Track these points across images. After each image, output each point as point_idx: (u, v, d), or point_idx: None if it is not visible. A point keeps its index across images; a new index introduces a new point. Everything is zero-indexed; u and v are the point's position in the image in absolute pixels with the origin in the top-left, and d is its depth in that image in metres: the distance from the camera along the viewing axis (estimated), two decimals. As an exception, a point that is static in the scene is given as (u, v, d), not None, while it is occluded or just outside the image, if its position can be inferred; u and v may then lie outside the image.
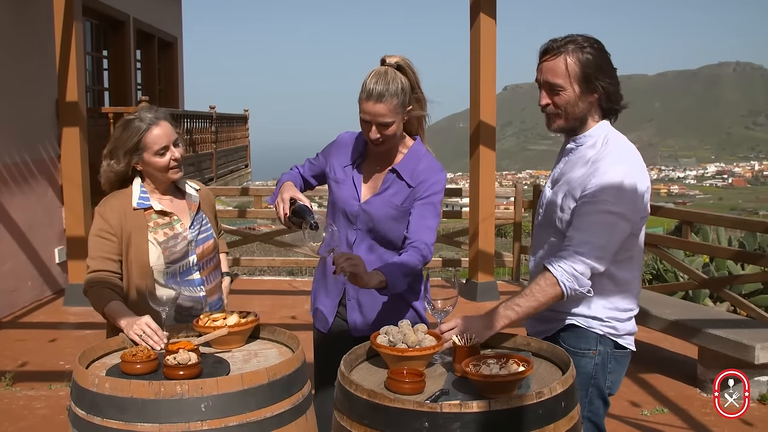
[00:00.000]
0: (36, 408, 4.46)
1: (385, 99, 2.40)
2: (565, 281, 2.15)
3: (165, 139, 2.55)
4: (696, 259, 7.63)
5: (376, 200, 2.56)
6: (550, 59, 2.23)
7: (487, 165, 7.23)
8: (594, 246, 2.15)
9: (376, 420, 1.82)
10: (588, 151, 2.28)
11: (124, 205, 2.59)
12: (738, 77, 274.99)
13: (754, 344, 4.40)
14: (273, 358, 2.25)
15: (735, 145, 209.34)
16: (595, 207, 2.16)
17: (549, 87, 2.26)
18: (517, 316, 2.20)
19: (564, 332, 2.34)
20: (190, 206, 2.71)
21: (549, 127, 2.33)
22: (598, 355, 2.30)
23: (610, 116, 2.33)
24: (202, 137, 13.11)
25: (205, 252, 2.72)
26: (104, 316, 2.48)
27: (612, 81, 2.25)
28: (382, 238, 2.59)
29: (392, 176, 2.58)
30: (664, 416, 4.39)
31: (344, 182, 2.63)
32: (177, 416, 1.88)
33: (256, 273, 10.55)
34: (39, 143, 7.51)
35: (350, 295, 2.64)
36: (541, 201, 2.46)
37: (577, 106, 2.25)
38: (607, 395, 2.36)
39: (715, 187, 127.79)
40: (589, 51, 2.21)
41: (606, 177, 2.16)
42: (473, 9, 7.12)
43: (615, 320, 2.31)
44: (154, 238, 2.58)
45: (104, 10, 9.87)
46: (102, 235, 2.56)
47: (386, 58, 2.49)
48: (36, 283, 7.24)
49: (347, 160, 2.65)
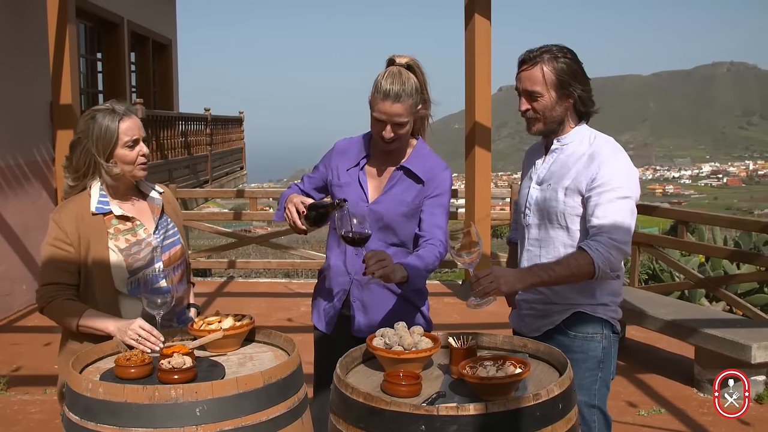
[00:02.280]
0: (31, 413, 4.44)
1: (402, 99, 2.44)
2: (600, 263, 2.27)
3: (136, 132, 2.45)
4: (692, 259, 7.65)
5: (385, 199, 2.57)
6: (528, 68, 2.40)
7: (483, 166, 7.23)
8: (625, 231, 2.31)
9: (373, 423, 1.81)
10: (578, 148, 2.44)
11: (82, 210, 2.43)
12: (732, 77, 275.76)
13: (751, 344, 4.40)
14: (268, 362, 2.23)
15: (729, 145, 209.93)
16: (614, 194, 2.31)
17: (528, 94, 2.42)
18: (549, 279, 2.32)
19: (571, 320, 2.44)
20: (153, 210, 2.56)
21: (529, 131, 2.49)
22: (605, 339, 2.45)
23: (585, 119, 2.50)
24: (197, 139, 13.11)
25: (173, 258, 2.56)
26: (79, 328, 2.35)
27: (585, 87, 2.42)
28: (392, 237, 2.60)
29: (399, 174, 2.59)
30: (661, 416, 4.38)
31: (349, 185, 2.62)
32: (172, 421, 1.87)
33: (252, 275, 10.53)
34: (33, 146, 7.48)
35: (354, 296, 2.63)
36: (527, 201, 2.54)
37: (554, 110, 2.41)
38: (609, 381, 2.48)
39: (710, 187, 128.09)
40: (563, 60, 2.38)
41: (613, 165, 2.35)
42: (468, 10, 7.12)
43: (614, 304, 2.48)
44: (115, 245, 2.42)
45: (98, 12, 9.84)
46: (57, 245, 2.40)
47: (396, 58, 2.52)
48: (30, 286, 7.19)
49: (351, 163, 2.65)
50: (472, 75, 7.14)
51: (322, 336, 2.74)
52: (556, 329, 2.46)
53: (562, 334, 2.45)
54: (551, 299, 2.47)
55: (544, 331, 2.49)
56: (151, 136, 10.29)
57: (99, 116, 2.42)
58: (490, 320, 6.76)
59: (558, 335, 2.45)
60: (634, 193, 2.36)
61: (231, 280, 8.74)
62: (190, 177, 12.27)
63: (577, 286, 2.40)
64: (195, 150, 12.84)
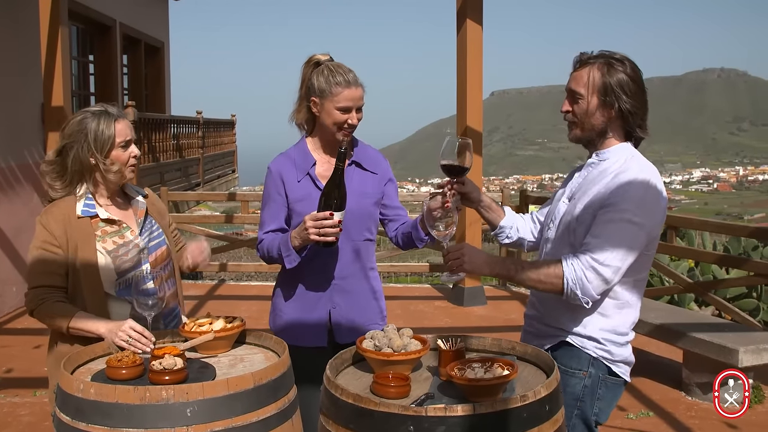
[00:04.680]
0: (20, 415, 4.43)
1: (360, 82, 2.60)
2: (569, 281, 2.15)
3: (129, 133, 2.47)
4: (681, 264, 7.69)
5: (350, 194, 2.53)
6: (579, 69, 2.29)
7: (474, 170, 7.25)
8: (612, 256, 2.13)
9: (362, 424, 1.82)
10: (611, 166, 2.26)
11: (68, 213, 2.43)
12: (723, 83, 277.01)
13: (738, 347, 4.44)
14: (259, 363, 2.25)
15: (720, 151, 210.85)
16: (616, 215, 2.14)
17: (571, 94, 2.30)
18: (516, 275, 2.25)
19: (557, 350, 2.31)
20: (136, 213, 2.57)
21: (568, 136, 2.36)
22: (589, 377, 2.27)
23: (632, 141, 2.33)
24: (189, 142, 13.10)
25: (159, 259, 2.57)
26: (69, 330, 2.35)
27: (635, 103, 2.25)
28: (366, 232, 2.67)
29: (351, 168, 2.66)
30: (649, 420, 4.42)
31: (306, 197, 2.63)
32: (162, 421, 1.88)
33: (243, 278, 10.52)
34: (24, 148, 7.47)
35: (336, 302, 2.68)
36: (553, 215, 2.41)
37: (594, 116, 2.26)
38: (593, 423, 2.32)
39: (701, 192, 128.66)
40: (618, 68, 2.23)
41: (629, 187, 2.16)
42: (460, 15, 7.16)
43: (611, 343, 2.28)
44: (102, 247, 2.43)
45: (91, 14, 9.84)
46: (45, 248, 2.40)
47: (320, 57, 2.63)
48: (21, 289, 7.16)
49: (298, 175, 2.67)
50: (464, 79, 7.18)
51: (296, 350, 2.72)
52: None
53: None
54: (543, 319, 2.37)
55: None
56: (142, 138, 10.28)
57: (93, 118, 2.43)
58: (479, 324, 6.80)
59: None
60: (643, 220, 2.14)
61: (222, 283, 8.74)
62: (181, 180, 12.26)
63: (569, 311, 2.26)
64: (187, 153, 12.82)
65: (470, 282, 7.33)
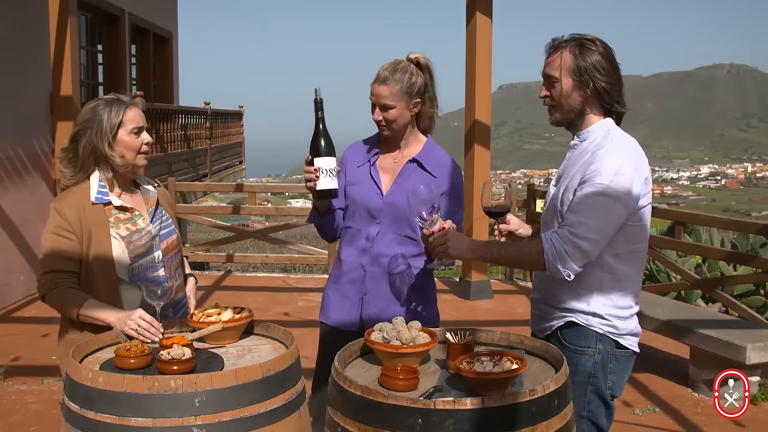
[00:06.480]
0: (28, 403, 4.45)
1: (389, 82, 2.56)
2: (549, 255, 2.19)
3: (141, 121, 2.51)
4: (688, 260, 7.66)
5: (399, 190, 2.61)
6: (552, 54, 2.35)
7: (482, 164, 7.24)
8: (589, 228, 2.18)
9: (370, 416, 1.82)
10: (589, 145, 2.33)
11: (82, 200, 2.45)
12: (732, 79, 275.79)
13: (746, 344, 4.43)
14: (267, 354, 2.25)
15: (728, 147, 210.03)
16: (591, 189, 2.20)
17: (547, 79, 2.36)
18: (499, 256, 2.36)
19: (564, 329, 2.36)
20: (147, 201, 2.61)
21: (550, 120, 2.42)
22: (598, 353, 2.32)
23: (614, 117, 2.38)
24: (197, 133, 13.10)
25: (170, 247, 2.61)
26: (79, 317, 2.36)
27: (609, 80, 2.30)
28: (406, 229, 2.64)
29: (412, 166, 2.66)
30: (655, 416, 4.41)
31: (360, 182, 2.69)
32: (171, 411, 1.88)
33: (250, 269, 10.54)
34: (33, 137, 7.48)
35: (368, 290, 2.67)
36: (546, 198, 2.51)
37: (571, 97, 2.33)
38: (608, 396, 2.35)
39: (708, 189, 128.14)
40: (590, 48, 2.29)
41: (603, 162, 2.21)
42: (469, 8, 7.13)
43: (615, 318, 2.32)
44: (116, 233, 2.46)
45: (99, 4, 9.84)
46: (59, 233, 2.42)
47: (409, 54, 2.64)
48: (28, 277, 7.21)
49: (361, 161, 2.73)
50: (473, 73, 7.15)
51: (328, 330, 2.76)
52: (553, 336, 2.39)
53: (557, 343, 2.35)
54: (547, 301, 2.41)
55: (545, 335, 2.43)
56: (150, 129, 10.28)
57: (105, 105, 2.46)
58: (486, 317, 6.80)
59: (554, 343, 2.36)
60: (618, 193, 2.19)
61: (229, 274, 8.75)
62: (189, 170, 12.26)
63: (570, 289, 2.30)
64: (194, 143, 12.82)
65: (477, 276, 7.32)
